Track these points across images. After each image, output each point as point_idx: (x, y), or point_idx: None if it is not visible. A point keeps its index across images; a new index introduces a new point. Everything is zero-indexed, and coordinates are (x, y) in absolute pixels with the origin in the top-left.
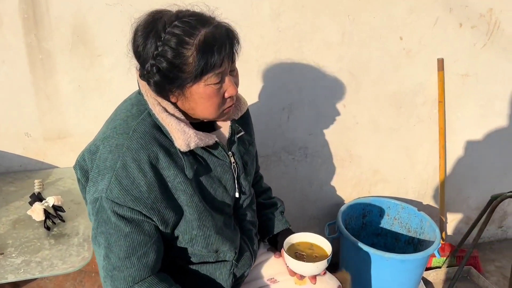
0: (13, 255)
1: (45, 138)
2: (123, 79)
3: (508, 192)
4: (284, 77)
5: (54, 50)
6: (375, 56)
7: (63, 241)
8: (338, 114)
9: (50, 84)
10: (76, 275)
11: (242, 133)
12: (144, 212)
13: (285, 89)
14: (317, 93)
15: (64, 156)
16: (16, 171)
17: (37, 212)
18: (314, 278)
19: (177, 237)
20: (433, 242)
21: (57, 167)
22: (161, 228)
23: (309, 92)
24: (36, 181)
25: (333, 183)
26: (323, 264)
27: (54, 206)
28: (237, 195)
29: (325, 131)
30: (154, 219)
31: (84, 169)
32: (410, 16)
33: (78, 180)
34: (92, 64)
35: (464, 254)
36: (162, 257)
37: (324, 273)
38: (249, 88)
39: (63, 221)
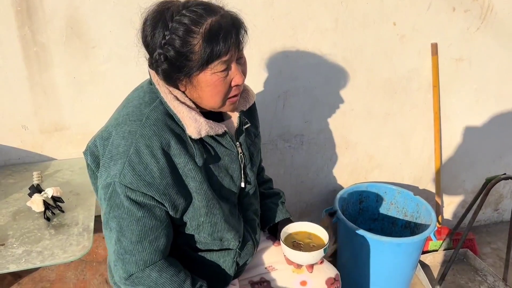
0: (14, 245)
1: (42, 131)
2: (117, 70)
3: (503, 175)
4: (278, 65)
5: (48, 43)
6: (369, 42)
7: (63, 231)
8: (333, 101)
9: (45, 77)
10: (78, 265)
11: (249, 124)
12: (156, 198)
13: (280, 77)
14: (312, 81)
15: (61, 149)
16: (15, 163)
17: (36, 203)
18: (311, 267)
19: (185, 223)
20: (429, 225)
21: (55, 159)
22: (171, 214)
23: (304, 80)
24: (34, 173)
25: (329, 169)
26: (319, 253)
27: (53, 197)
28: (242, 185)
29: (320, 118)
30: (166, 205)
31: (95, 155)
32: (403, 2)
33: (88, 165)
34: (87, 56)
35: (460, 237)
36: (170, 244)
37: (322, 262)
38: None
39: (63, 211)
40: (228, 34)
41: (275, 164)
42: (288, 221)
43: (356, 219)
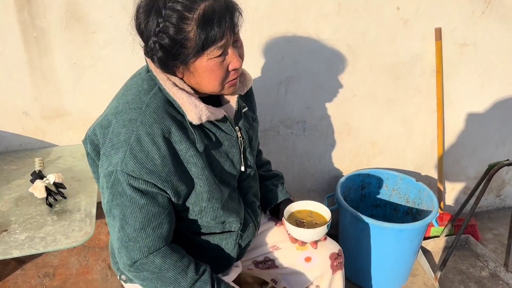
0: (17, 231)
1: (43, 117)
2: (118, 55)
3: (506, 161)
4: (280, 50)
5: (48, 28)
6: (372, 26)
7: (66, 217)
8: (335, 86)
9: (45, 62)
10: (80, 251)
11: (246, 108)
12: (158, 185)
13: (282, 63)
14: (314, 66)
15: (63, 135)
16: (16, 150)
17: (38, 189)
18: (315, 243)
19: (187, 209)
20: (431, 211)
21: (57, 145)
22: (173, 200)
23: (306, 65)
24: (36, 159)
25: (331, 156)
26: (323, 229)
27: (55, 183)
28: (242, 169)
29: (322, 104)
30: (168, 192)
31: (94, 144)
32: None
33: (88, 154)
34: (87, 41)
35: (462, 223)
36: (173, 229)
37: (325, 239)
38: (245, 62)
39: (65, 197)
40: (222, 18)
41: (277, 151)
42: (288, 201)
43: (358, 205)
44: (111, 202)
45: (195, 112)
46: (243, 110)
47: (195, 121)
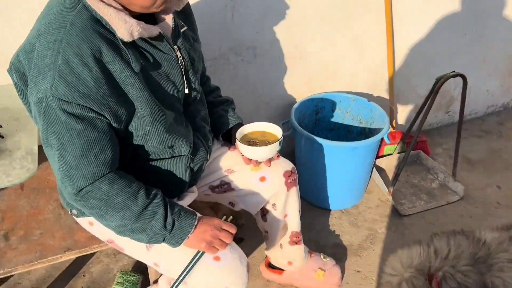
0: None
1: None
2: None
3: (451, 72)
4: None
5: None
6: None
7: (5, 156)
8: (284, 8)
9: None
10: (29, 193)
11: (185, 28)
12: (94, 109)
13: None
14: None
15: None
16: None
17: None
18: (268, 162)
19: (131, 134)
20: (383, 129)
21: None
22: (114, 125)
23: None
24: None
25: (284, 82)
26: (276, 146)
27: None
28: (186, 91)
29: (272, 27)
30: (106, 116)
31: (20, 72)
32: None
33: (15, 84)
34: None
35: (412, 139)
36: (118, 157)
37: (278, 157)
38: None
39: (2, 137)
40: None
41: (229, 80)
42: (240, 125)
43: (313, 130)
44: (46, 131)
45: (125, 27)
46: (182, 30)
47: (126, 38)
